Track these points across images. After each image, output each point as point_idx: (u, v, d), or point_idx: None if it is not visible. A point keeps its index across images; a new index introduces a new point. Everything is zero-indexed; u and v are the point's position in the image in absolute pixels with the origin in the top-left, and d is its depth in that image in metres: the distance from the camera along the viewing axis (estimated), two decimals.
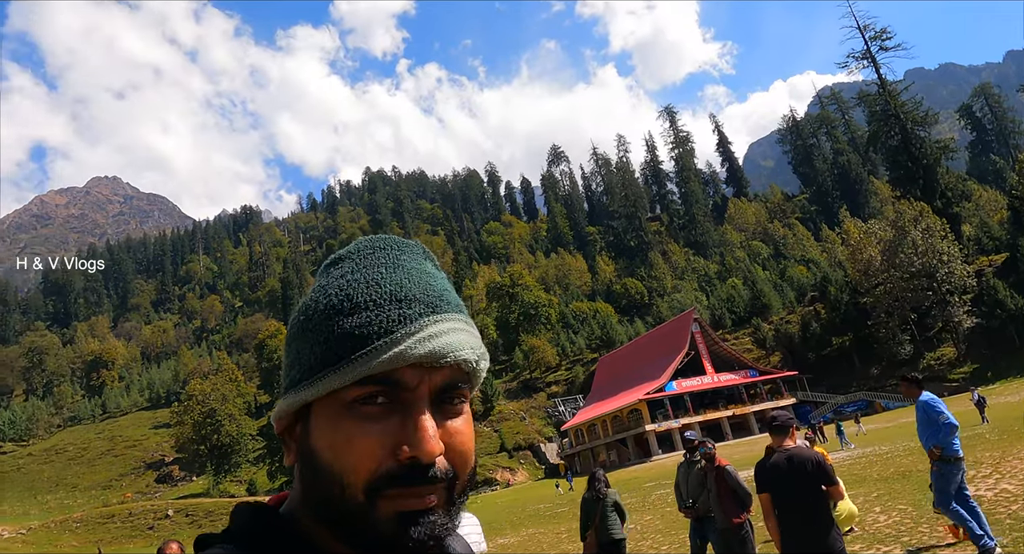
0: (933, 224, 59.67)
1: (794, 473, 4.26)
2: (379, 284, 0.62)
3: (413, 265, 0.66)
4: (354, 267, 0.65)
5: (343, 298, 0.62)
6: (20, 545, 56.81)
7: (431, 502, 0.60)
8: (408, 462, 0.59)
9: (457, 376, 0.63)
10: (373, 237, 0.69)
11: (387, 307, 0.61)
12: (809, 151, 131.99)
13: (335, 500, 0.59)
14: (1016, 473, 9.70)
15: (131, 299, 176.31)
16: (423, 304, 0.62)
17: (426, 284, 0.64)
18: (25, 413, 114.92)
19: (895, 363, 61.62)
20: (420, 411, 0.60)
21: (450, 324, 0.63)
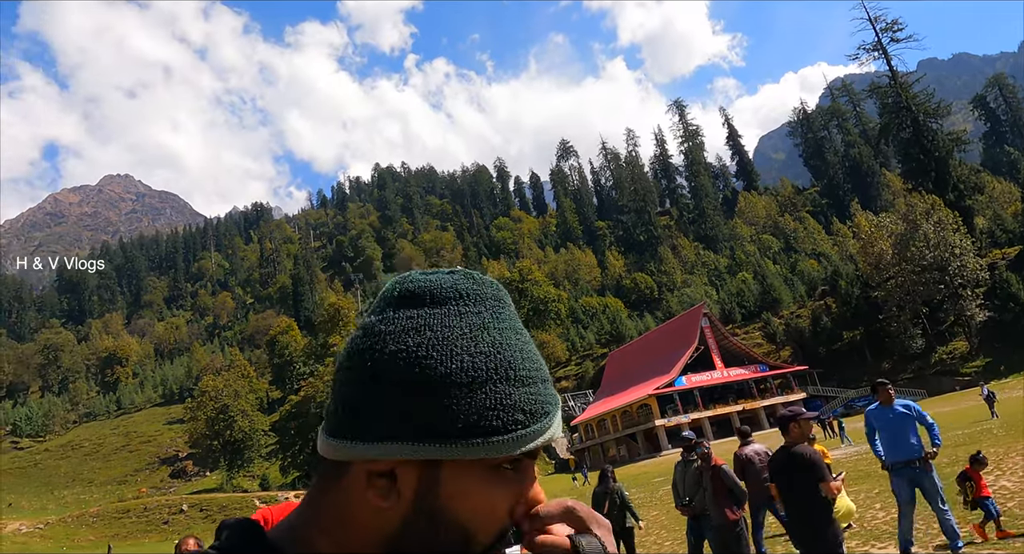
0: (945, 217, 59.18)
1: (790, 468, 4.54)
2: (533, 358, 0.65)
3: (522, 329, 0.68)
4: (492, 320, 0.65)
5: (507, 366, 0.62)
6: (38, 539, 57.70)
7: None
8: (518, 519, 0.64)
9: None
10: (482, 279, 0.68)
11: (542, 387, 0.64)
12: (820, 144, 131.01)
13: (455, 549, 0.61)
14: (1017, 470, 9.72)
15: (144, 296, 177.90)
16: (552, 390, 0.67)
17: (541, 362, 0.67)
18: (41, 409, 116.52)
19: (907, 357, 61.32)
20: (533, 476, 0.66)
21: (559, 413, 0.67)
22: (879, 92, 79.15)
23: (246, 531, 0.63)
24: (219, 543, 0.63)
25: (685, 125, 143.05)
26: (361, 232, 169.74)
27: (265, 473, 79.84)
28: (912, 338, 60.66)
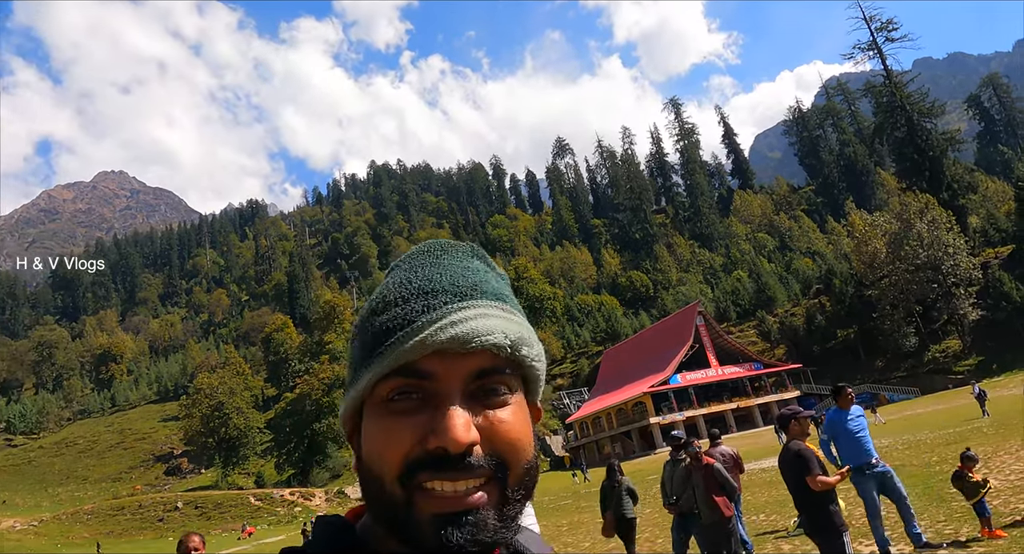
0: (939, 216, 59.44)
1: (785, 464, 4.95)
2: (410, 282, 0.64)
3: (452, 262, 0.66)
4: (397, 272, 0.67)
5: (379, 300, 0.64)
6: (33, 537, 57.59)
7: (474, 501, 0.58)
8: (435, 452, 0.57)
9: (493, 363, 0.62)
10: (425, 242, 0.70)
11: (413, 301, 0.62)
12: (815, 143, 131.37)
13: (378, 497, 0.60)
14: (1003, 468, 9.85)
15: (139, 293, 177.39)
16: (450, 294, 0.62)
17: (458, 277, 0.64)
18: (35, 406, 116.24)
19: (900, 356, 61.66)
20: (448, 400, 0.59)
21: (479, 310, 0.62)
22: (874, 91, 79.43)
23: (334, 524, 0.66)
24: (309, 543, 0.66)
25: (681, 123, 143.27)
26: (357, 229, 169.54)
27: (260, 470, 79.86)
28: (905, 337, 60.96)
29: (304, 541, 8.03)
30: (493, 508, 0.58)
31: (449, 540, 0.56)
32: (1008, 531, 6.51)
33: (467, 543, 0.56)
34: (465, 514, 0.57)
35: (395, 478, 0.58)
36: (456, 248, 0.70)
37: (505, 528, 0.59)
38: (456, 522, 0.56)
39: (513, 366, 0.64)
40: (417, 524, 0.57)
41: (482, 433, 0.59)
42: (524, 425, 0.63)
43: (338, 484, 66.41)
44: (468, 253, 0.69)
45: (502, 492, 0.60)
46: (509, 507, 0.60)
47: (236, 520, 52.92)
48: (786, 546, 8.32)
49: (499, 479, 0.59)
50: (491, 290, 0.65)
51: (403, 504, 0.58)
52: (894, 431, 25.62)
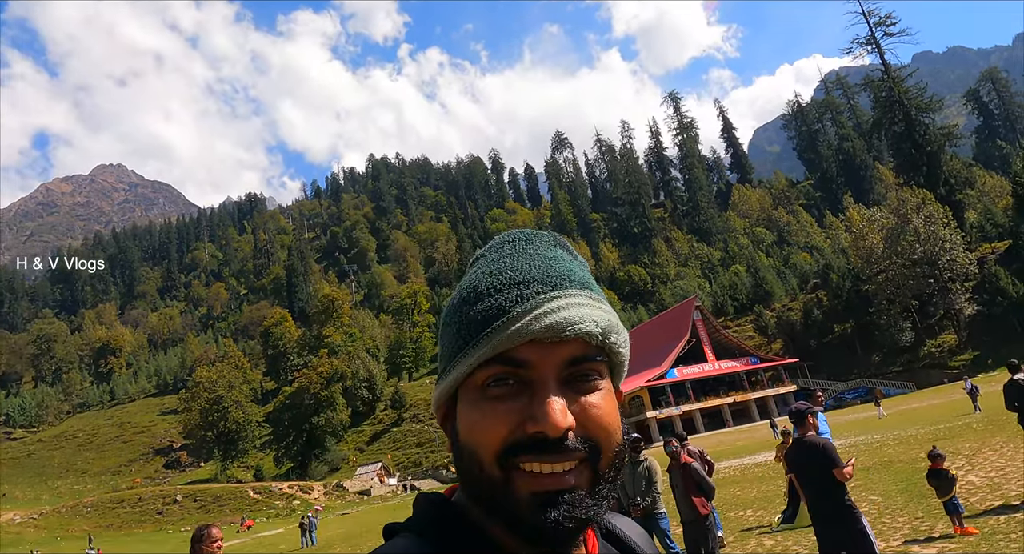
0: (935, 211, 59.57)
1: (805, 458, 4.99)
2: (500, 272, 0.67)
3: (538, 252, 0.70)
4: (484, 262, 0.71)
5: (471, 290, 0.67)
6: (32, 530, 57.87)
7: (568, 481, 0.61)
8: (536, 436, 0.60)
9: (585, 350, 0.64)
10: (507, 232, 0.74)
11: (506, 291, 0.65)
12: (814, 137, 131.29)
13: (477, 478, 0.63)
14: (985, 465, 9.99)
15: (137, 286, 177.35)
16: (541, 284, 0.65)
17: (547, 267, 0.67)
18: (35, 400, 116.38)
19: (896, 350, 61.90)
20: (545, 387, 0.62)
21: (570, 300, 0.65)
22: (873, 86, 79.34)
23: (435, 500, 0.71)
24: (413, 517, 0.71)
25: (680, 117, 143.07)
26: (355, 223, 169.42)
27: (259, 464, 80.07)
28: (902, 331, 61.21)
29: (301, 534, 8.14)
30: (586, 487, 0.62)
31: (547, 517, 0.59)
32: (981, 522, 6.67)
33: (564, 520, 0.59)
34: (561, 493, 0.60)
35: (494, 459, 0.61)
36: (540, 237, 0.73)
37: (598, 506, 0.62)
38: (553, 501, 0.60)
39: (602, 353, 0.67)
40: (516, 503, 0.60)
41: (576, 418, 0.62)
42: (614, 410, 0.66)
43: (336, 477, 66.69)
44: (551, 242, 0.73)
45: (594, 473, 0.63)
46: (601, 486, 0.63)
47: (235, 513, 53.16)
48: (768, 541, 8.48)
49: (592, 461, 0.62)
50: (578, 279, 0.68)
51: (501, 484, 0.61)
52: (887, 426, 25.83)
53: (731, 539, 9.09)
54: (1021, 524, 6.43)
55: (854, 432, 26.67)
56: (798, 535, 8.09)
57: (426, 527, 0.67)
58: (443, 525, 0.67)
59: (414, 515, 0.70)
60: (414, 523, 0.69)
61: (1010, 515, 6.88)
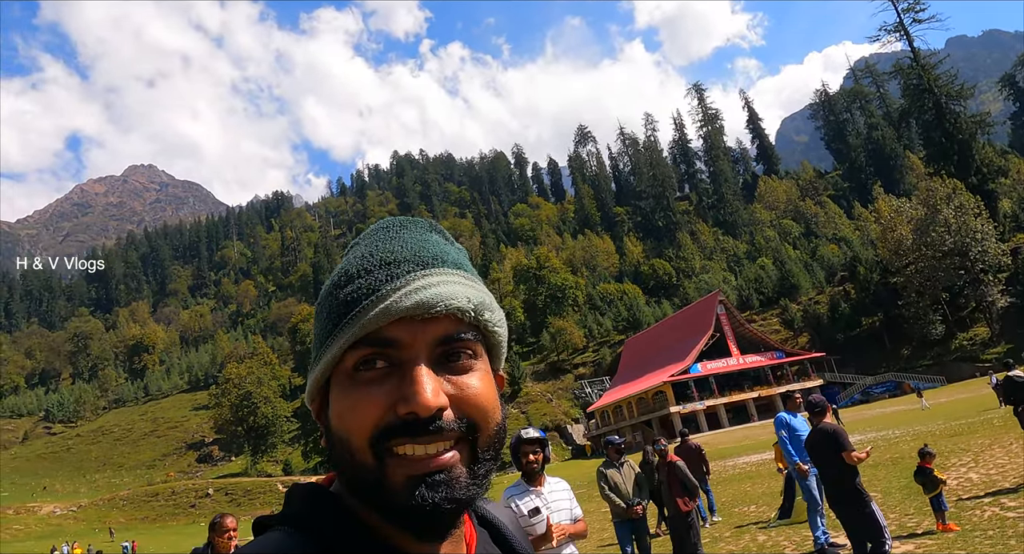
0: (966, 202, 58.29)
1: (818, 443, 5.46)
2: (372, 255, 0.65)
3: (412, 236, 0.68)
4: (356, 247, 0.70)
5: (341, 274, 0.66)
6: (72, 521, 59.86)
7: (446, 461, 0.59)
8: (406, 417, 0.58)
9: (456, 328, 0.63)
10: (384, 219, 0.73)
11: (376, 272, 0.63)
12: (842, 126, 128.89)
13: (350, 465, 0.60)
14: (989, 463, 9.92)
15: (169, 284, 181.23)
16: (412, 264, 0.64)
17: (420, 248, 0.65)
18: (73, 396, 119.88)
19: (926, 344, 60.78)
20: (415, 366, 0.60)
21: (441, 277, 0.63)
22: (903, 73, 77.59)
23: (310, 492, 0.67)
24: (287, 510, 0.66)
25: (704, 109, 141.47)
26: (380, 220, 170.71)
27: (288, 458, 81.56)
28: (932, 324, 60.03)
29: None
30: (464, 466, 0.60)
31: (424, 499, 0.57)
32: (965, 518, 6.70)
33: (441, 501, 0.57)
34: (437, 473, 0.58)
35: (366, 445, 0.59)
36: (415, 223, 0.72)
37: (476, 486, 0.60)
38: (429, 482, 0.58)
39: (476, 331, 0.65)
40: (390, 487, 0.58)
41: (450, 398, 0.61)
42: (490, 388, 0.64)
43: None
44: (427, 227, 0.71)
45: (472, 452, 0.61)
46: (479, 466, 0.62)
47: (264, 507, 54.35)
48: (761, 536, 8.58)
49: (470, 440, 0.61)
50: (451, 260, 0.66)
51: (374, 469, 0.59)
52: (909, 421, 25.51)
53: (727, 534, 9.20)
54: (1002, 521, 6.46)
55: (877, 427, 26.40)
56: (791, 531, 8.18)
57: (301, 519, 0.64)
58: (319, 517, 0.63)
59: (288, 507, 0.67)
60: (289, 516, 0.65)
61: (994, 512, 6.90)
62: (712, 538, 9.27)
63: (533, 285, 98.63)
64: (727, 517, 11.29)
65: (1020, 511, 6.67)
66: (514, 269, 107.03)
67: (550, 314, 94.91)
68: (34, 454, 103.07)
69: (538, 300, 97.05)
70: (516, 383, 77.44)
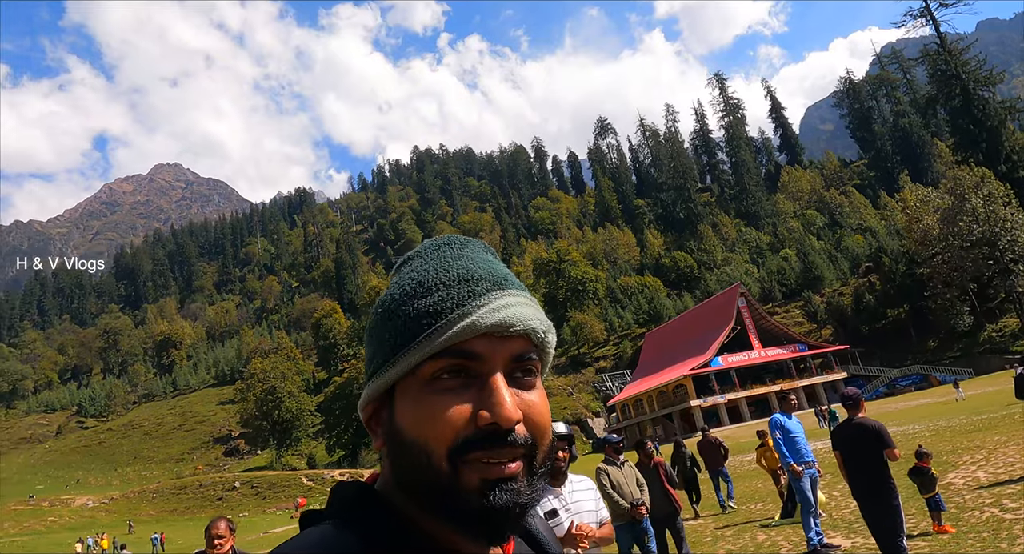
0: (995, 190, 56.99)
1: (858, 437, 5.42)
2: (447, 269, 0.68)
3: (476, 255, 0.72)
4: (423, 261, 0.72)
5: (415, 284, 0.68)
6: (104, 513, 61.40)
7: (513, 469, 0.63)
8: (488, 428, 0.62)
9: (527, 347, 0.67)
10: (439, 237, 0.76)
11: (456, 287, 0.66)
12: (867, 114, 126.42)
13: (423, 471, 0.62)
14: (999, 462, 9.73)
15: (195, 281, 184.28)
16: (489, 282, 0.67)
17: (490, 268, 0.70)
18: (103, 391, 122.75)
19: (954, 335, 59.68)
20: (496, 379, 0.64)
21: (516, 299, 0.67)
22: (930, 58, 75.92)
23: (356, 489, 0.70)
24: (333, 506, 0.69)
25: (726, 99, 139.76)
26: (401, 215, 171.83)
27: (312, 452, 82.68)
28: (959, 316, 58.87)
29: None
30: (525, 479, 0.64)
31: (495, 501, 0.61)
32: (963, 519, 6.64)
33: (508, 504, 0.61)
34: (509, 480, 0.62)
35: (444, 453, 0.61)
36: (473, 243, 0.75)
37: (535, 496, 0.64)
38: (500, 486, 0.62)
39: (539, 351, 0.69)
40: (462, 490, 0.61)
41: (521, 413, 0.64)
42: (547, 406, 0.69)
43: None
44: (483, 248, 0.75)
45: (531, 466, 0.65)
46: (536, 479, 0.65)
47: (289, 500, 55.20)
48: (761, 536, 8.57)
49: (530, 455, 0.65)
50: (517, 282, 0.71)
51: (448, 475, 0.61)
52: (932, 415, 25.11)
53: (729, 533, 9.19)
54: (998, 523, 6.39)
55: (899, 421, 25.99)
56: (791, 530, 8.16)
57: (348, 515, 0.66)
58: (366, 513, 0.67)
59: (334, 503, 0.69)
60: (335, 511, 0.68)
61: (993, 514, 6.82)
62: (714, 537, 9.29)
63: (553, 279, 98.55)
64: (732, 515, 11.28)
65: (1019, 513, 6.60)
66: (534, 262, 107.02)
67: (571, 307, 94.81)
68: (67, 448, 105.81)
69: (559, 294, 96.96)
70: None
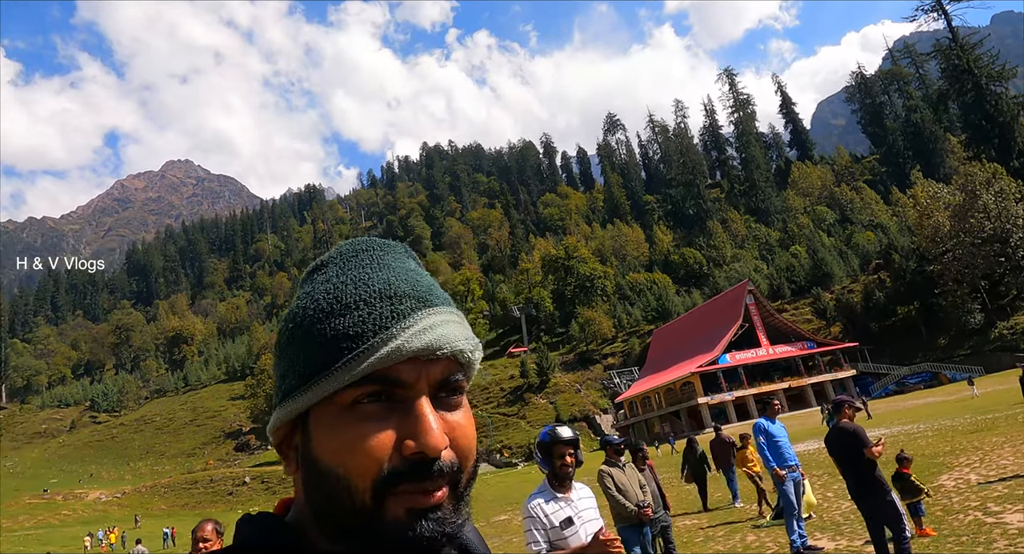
0: (1007, 186, 56.56)
1: (839, 441, 5.71)
2: (367, 283, 0.62)
3: (397, 264, 0.65)
4: (338, 271, 0.64)
5: (331, 300, 0.61)
6: (116, 507, 62.20)
7: (439, 497, 0.59)
8: (414, 458, 0.58)
9: (454, 368, 0.62)
10: (353, 240, 0.69)
11: (378, 305, 0.60)
12: (879, 109, 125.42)
13: (342, 505, 0.58)
14: (993, 464, 9.72)
15: (206, 277, 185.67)
16: (413, 299, 0.62)
17: (414, 280, 0.63)
18: (116, 386, 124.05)
19: (964, 333, 59.26)
20: (421, 405, 0.59)
21: (442, 317, 0.62)
22: (943, 53, 75.26)
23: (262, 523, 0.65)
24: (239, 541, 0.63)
25: (736, 95, 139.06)
26: (410, 211, 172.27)
27: None
28: (970, 313, 58.46)
29: None
30: (451, 506, 0.61)
31: (420, 532, 0.57)
32: (947, 522, 6.70)
33: (435, 533, 0.58)
34: (435, 509, 0.59)
35: (368, 487, 0.57)
36: (392, 247, 0.69)
37: (461, 521, 0.61)
38: (426, 515, 0.58)
39: (466, 371, 0.65)
40: (386, 523, 0.58)
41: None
42: (473, 426, 0.65)
43: None
44: (404, 253, 0.69)
45: (455, 490, 0.61)
46: (462, 503, 0.62)
47: None
48: (751, 536, 8.65)
49: (455, 481, 0.61)
50: (442, 295, 0.65)
51: (371, 509, 0.57)
52: (938, 414, 25.04)
53: (720, 534, 9.27)
54: (979, 527, 6.44)
55: (905, 420, 25.93)
56: (779, 531, 8.22)
57: (254, 552, 0.62)
58: (274, 549, 0.62)
59: (240, 538, 0.64)
60: (241, 548, 0.62)
61: (975, 517, 6.86)
62: (705, 537, 9.37)
63: (562, 275, 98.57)
64: (728, 514, 11.36)
65: (1000, 516, 6.64)
66: (543, 259, 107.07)
67: (579, 304, 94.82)
68: (81, 442, 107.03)
69: (567, 290, 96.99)
70: (545, 373, 77.65)
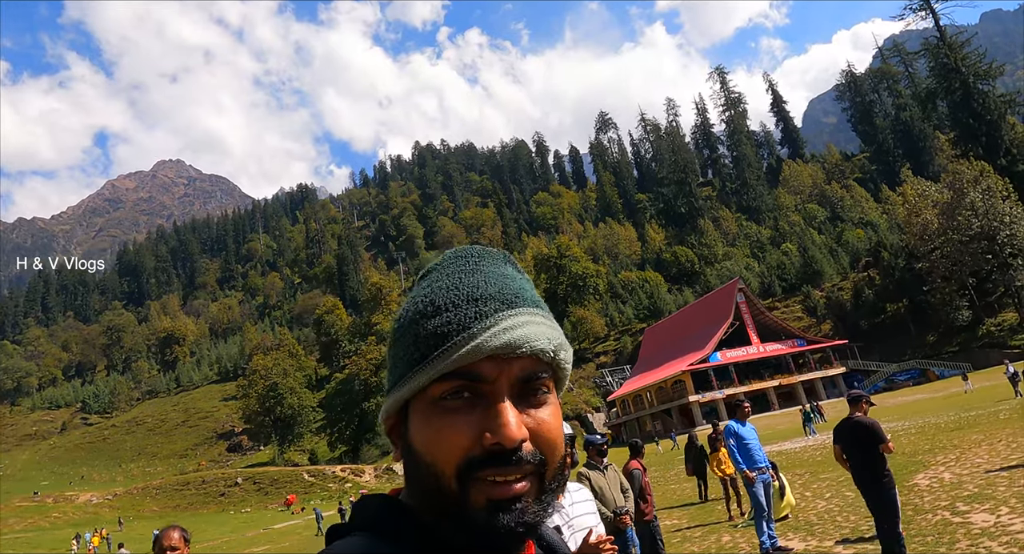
0: (994, 184, 56.95)
1: (855, 433, 5.80)
2: (457, 288, 0.69)
3: (491, 269, 0.72)
4: (439, 276, 0.73)
5: (427, 303, 0.69)
6: (107, 509, 61.84)
7: (520, 489, 0.64)
8: (492, 448, 0.63)
9: (536, 367, 0.68)
10: (458, 248, 0.76)
11: (464, 307, 0.67)
12: (869, 107, 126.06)
13: (433, 490, 0.65)
14: (968, 463, 9.85)
15: (198, 278, 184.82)
16: (498, 301, 0.68)
17: (502, 284, 0.70)
18: (107, 387, 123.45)
19: (952, 330, 59.75)
20: (500, 400, 0.65)
21: (525, 318, 0.68)
22: (932, 51, 75.68)
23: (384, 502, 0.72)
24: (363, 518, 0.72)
25: (727, 93, 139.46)
26: (403, 211, 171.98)
27: (314, 448, 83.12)
28: (958, 310, 58.96)
29: (340, 519, 12.57)
30: (534, 497, 0.66)
31: (500, 522, 0.63)
32: (916, 521, 6.80)
33: (515, 525, 0.63)
34: (514, 500, 0.64)
35: (452, 473, 0.64)
36: (491, 254, 0.76)
37: (544, 512, 0.66)
38: (506, 507, 0.64)
39: (551, 369, 0.70)
40: (470, 509, 0.64)
41: (528, 431, 0.66)
42: (560, 423, 0.71)
43: (387, 461, 68.74)
44: (502, 260, 0.76)
45: (541, 483, 0.67)
46: (546, 496, 0.67)
47: (292, 495, 55.54)
48: (726, 536, 8.76)
49: (539, 472, 0.66)
50: (530, 298, 0.72)
51: (457, 493, 0.64)
52: (923, 411, 25.24)
53: (697, 535, 9.37)
54: (945, 527, 6.54)
55: (892, 417, 26.09)
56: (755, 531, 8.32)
57: (380, 526, 0.69)
58: (395, 524, 0.69)
59: (363, 515, 0.72)
60: (367, 522, 0.70)
61: (943, 517, 6.97)
62: (683, 537, 9.47)
63: (554, 274, 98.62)
64: (709, 513, 11.45)
65: (967, 516, 6.75)
66: (535, 258, 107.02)
67: (571, 303, 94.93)
68: (72, 444, 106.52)
69: (559, 289, 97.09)
70: None
